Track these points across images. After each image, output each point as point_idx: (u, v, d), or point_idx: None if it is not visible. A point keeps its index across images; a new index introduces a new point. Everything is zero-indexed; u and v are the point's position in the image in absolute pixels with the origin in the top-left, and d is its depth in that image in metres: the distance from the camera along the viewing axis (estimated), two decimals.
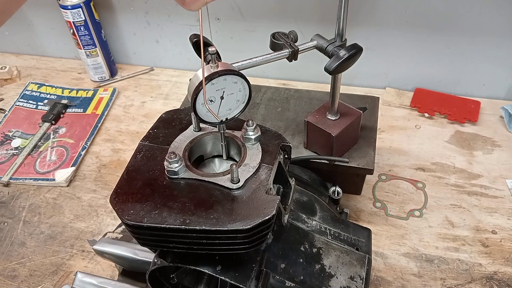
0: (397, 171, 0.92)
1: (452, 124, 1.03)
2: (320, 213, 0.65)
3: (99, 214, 0.87)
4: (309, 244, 0.60)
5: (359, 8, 1.00)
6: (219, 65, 0.46)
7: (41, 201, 0.91)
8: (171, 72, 1.24)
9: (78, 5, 1.07)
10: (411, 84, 1.12)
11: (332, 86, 0.71)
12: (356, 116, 0.75)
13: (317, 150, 0.78)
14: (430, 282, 0.73)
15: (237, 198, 0.48)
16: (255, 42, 1.13)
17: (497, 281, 0.73)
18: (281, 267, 0.55)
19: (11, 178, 0.95)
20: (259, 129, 0.55)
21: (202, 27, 0.41)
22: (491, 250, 0.78)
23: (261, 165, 0.52)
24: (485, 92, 1.09)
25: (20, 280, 0.77)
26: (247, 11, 1.09)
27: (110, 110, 1.12)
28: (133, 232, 0.48)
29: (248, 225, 0.45)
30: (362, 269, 0.60)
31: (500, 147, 0.97)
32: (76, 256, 0.80)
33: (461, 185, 0.89)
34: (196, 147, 0.56)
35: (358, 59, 0.63)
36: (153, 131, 0.58)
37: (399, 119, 1.05)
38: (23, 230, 0.85)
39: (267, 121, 0.86)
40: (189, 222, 0.46)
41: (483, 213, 0.84)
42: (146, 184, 0.50)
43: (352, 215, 0.84)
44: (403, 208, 0.85)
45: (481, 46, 1.01)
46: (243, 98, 0.50)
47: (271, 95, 0.93)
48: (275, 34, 0.63)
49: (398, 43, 1.05)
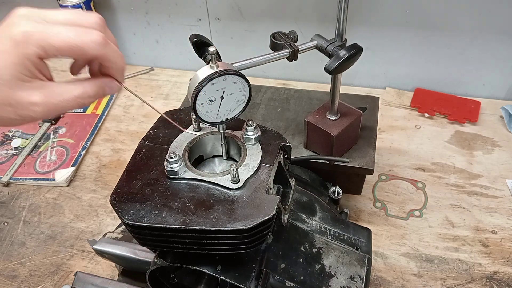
0: (397, 171, 0.92)
1: (452, 124, 1.03)
2: (320, 213, 0.65)
3: (99, 214, 0.87)
4: (309, 244, 0.60)
5: (359, 8, 1.00)
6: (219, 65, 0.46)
7: (41, 201, 0.91)
8: (171, 72, 1.24)
9: (78, 5, 1.07)
10: (411, 84, 1.12)
11: (332, 86, 0.71)
12: (356, 116, 0.75)
13: (317, 150, 0.78)
14: (430, 282, 0.73)
15: (237, 198, 0.48)
16: (255, 42, 1.13)
17: (497, 281, 0.73)
18: (281, 267, 0.55)
19: (11, 178, 0.95)
20: (259, 129, 0.55)
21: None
22: (491, 250, 0.78)
23: (261, 165, 0.52)
24: (485, 92, 1.09)
25: (20, 280, 0.77)
26: (247, 11, 1.09)
27: (110, 110, 1.12)
28: (133, 232, 0.48)
29: (248, 225, 0.45)
30: (362, 269, 0.60)
31: (500, 147, 0.97)
32: (76, 256, 0.80)
33: (461, 185, 0.89)
34: (196, 147, 0.56)
35: (358, 59, 0.63)
36: (153, 131, 0.58)
37: (399, 119, 1.05)
38: (23, 230, 0.85)
39: (267, 121, 0.86)
40: (189, 222, 0.46)
41: (483, 213, 0.84)
42: (146, 184, 0.50)
43: (352, 215, 0.84)
44: (403, 208, 0.85)
45: (481, 46, 1.01)
46: (243, 98, 0.50)
47: (271, 95, 0.93)
48: (275, 34, 0.63)
49: (398, 43, 1.05)
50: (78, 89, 0.40)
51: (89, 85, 0.41)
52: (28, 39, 0.36)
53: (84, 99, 0.40)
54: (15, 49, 0.36)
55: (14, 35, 0.36)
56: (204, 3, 1.10)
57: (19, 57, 0.36)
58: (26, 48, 0.36)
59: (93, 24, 0.40)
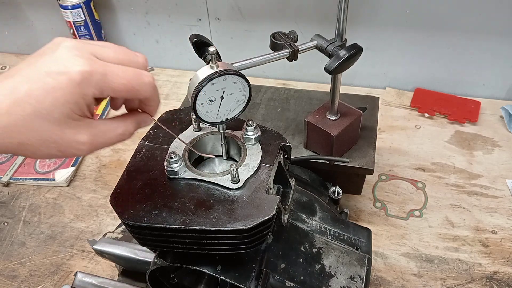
0: (397, 171, 0.92)
1: (452, 124, 1.03)
2: (320, 213, 0.65)
3: (99, 214, 0.87)
4: (309, 244, 0.60)
5: (359, 8, 1.00)
6: (219, 65, 0.46)
7: (41, 201, 0.91)
8: (171, 72, 1.24)
9: (78, 5, 1.07)
10: (411, 84, 1.12)
11: (332, 86, 0.71)
12: (356, 116, 0.75)
13: (317, 150, 0.78)
14: (430, 282, 0.73)
15: (237, 198, 0.48)
16: (255, 42, 1.13)
17: (497, 281, 0.73)
18: (281, 267, 0.55)
19: (11, 178, 0.95)
20: (259, 129, 0.55)
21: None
22: (491, 250, 0.78)
23: (261, 165, 0.52)
24: (485, 92, 1.09)
25: (20, 280, 0.77)
26: (247, 11, 1.09)
27: (110, 110, 1.12)
28: (133, 232, 0.48)
29: (248, 225, 0.45)
30: (362, 269, 0.60)
31: (500, 147, 0.97)
32: (76, 256, 0.80)
33: (461, 185, 0.89)
34: (196, 147, 0.56)
35: (358, 59, 0.63)
36: (153, 131, 0.58)
37: (399, 119, 1.05)
38: (23, 230, 0.85)
39: (267, 121, 0.86)
40: (189, 222, 0.46)
41: (483, 213, 0.84)
42: (146, 184, 0.50)
43: (352, 215, 0.84)
44: (403, 208, 0.85)
45: (481, 46, 1.01)
46: (243, 98, 0.50)
47: (271, 95, 0.93)
48: (275, 34, 0.63)
49: (398, 43, 1.05)
50: (121, 127, 0.41)
51: (130, 122, 0.42)
52: (88, 79, 0.35)
53: (125, 136, 0.42)
54: (72, 88, 0.35)
55: (72, 74, 0.35)
56: (204, 3, 1.10)
57: (74, 97, 0.35)
58: (84, 89, 0.35)
59: (141, 65, 0.40)
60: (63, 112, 0.35)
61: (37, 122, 0.35)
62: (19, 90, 0.35)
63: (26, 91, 0.35)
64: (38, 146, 0.36)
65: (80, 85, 0.35)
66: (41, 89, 0.35)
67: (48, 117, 0.35)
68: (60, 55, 0.36)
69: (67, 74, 0.35)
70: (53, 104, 0.35)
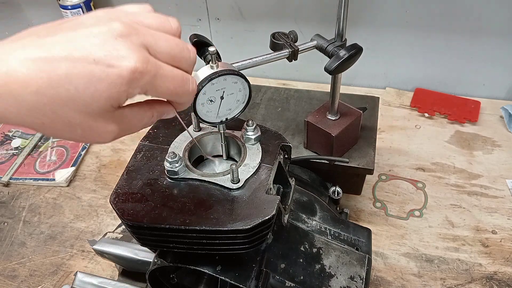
0: (397, 171, 0.92)
1: (452, 124, 1.03)
2: (320, 213, 0.65)
3: (99, 214, 0.87)
4: (309, 244, 0.60)
5: (359, 8, 1.00)
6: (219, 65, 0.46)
7: (41, 201, 0.91)
8: None
9: (78, 5, 1.07)
10: (411, 84, 1.12)
11: (332, 86, 0.71)
12: (356, 116, 0.75)
13: (317, 150, 0.78)
14: (430, 282, 0.73)
15: (237, 198, 0.48)
16: (255, 42, 1.13)
17: (497, 281, 0.73)
18: (281, 267, 0.55)
19: (11, 178, 0.95)
20: (259, 129, 0.55)
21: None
22: (491, 250, 0.78)
23: (261, 165, 0.52)
24: (485, 92, 1.09)
25: (20, 280, 0.77)
26: (247, 11, 1.09)
27: None
28: (133, 232, 0.48)
29: (248, 225, 0.45)
30: (362, 269, 0.60)
31: (500, 147, 0.97)
32: (76, 256, 0.80)
33: (461, 185, 0.89)
34: (196, 147, 0.56)
35: (358, 59, 0.63)
36: (153, 131, 0.58)
37: (399, 119, 1.05)
38: (23, 230, 0.85)
39: (267, 121, 0.86)
40: (189, 222, 0.46)
41: (483, 213, 0.84)
42: (146, 184, 0.50)
43: (352, 215, 0.84)
44: (403, 208, 0.85)
45: (481, 46, 1.01)
46: (243, 98, 0.50)
47: (271, 95, 0.93)
48: (275, 34, 0.63)
49: (398, 43, 1.05)
50: (147, 116, 0.38)
51: (156, 112, 0.39)
52: (137, 79, 0.32)
53: (147, 125, 0.39)
54: (120, 86, 0.31)
55: (123, 71, 0.31)
56: (204, 3, 1.10)
57: (119, 94, 0.32)
58: (131, 88, 0.32)
59: (191, 62, 0.38)
60: (102, 106, 0.32)
61: (69, 111, 0.31)
62: (58, 68, 0.30)
63: (66, 74, 0.30)
64: (62, 130, 0.33)
65: (129, 83, 0.32)
66: (85, 77, 0.30)
67: (84, 108, 0.31)
68: (110, 41, 0.32)
69: (118, 68, 0.31)
70: (93, 97, 0.31)
